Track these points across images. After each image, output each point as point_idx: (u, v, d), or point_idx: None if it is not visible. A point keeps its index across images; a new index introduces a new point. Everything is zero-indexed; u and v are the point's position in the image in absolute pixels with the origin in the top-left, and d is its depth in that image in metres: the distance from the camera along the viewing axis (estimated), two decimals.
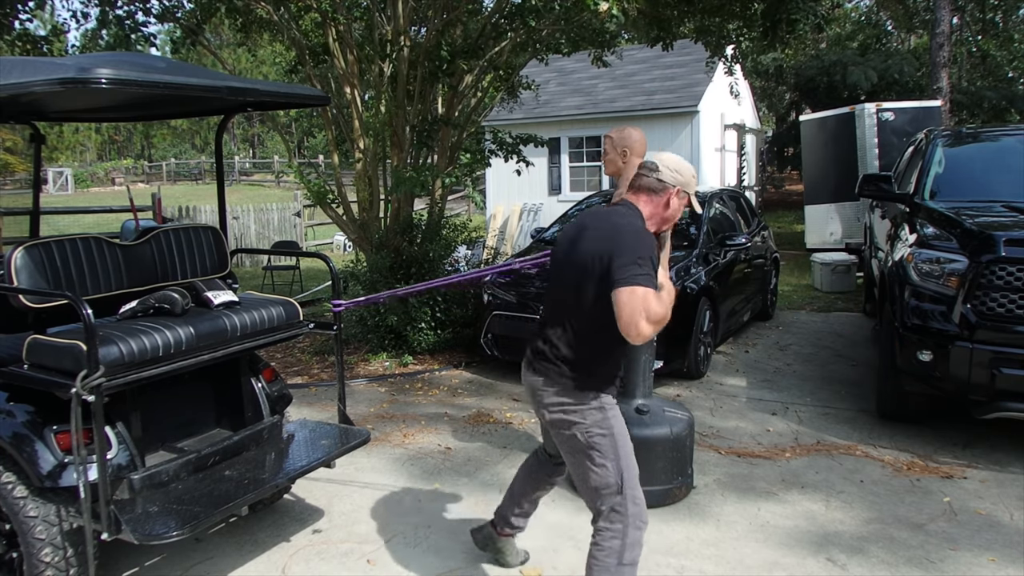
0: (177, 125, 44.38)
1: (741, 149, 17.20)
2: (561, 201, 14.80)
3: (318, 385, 6.22)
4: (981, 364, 4.22)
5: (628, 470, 2.61)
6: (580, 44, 8.02)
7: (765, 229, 8.43)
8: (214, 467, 3.26)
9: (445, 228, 7.45)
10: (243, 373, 3.63)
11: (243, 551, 3.53)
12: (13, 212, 9.52)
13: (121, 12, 7.32)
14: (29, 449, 2.76)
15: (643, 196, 2.64)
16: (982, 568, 3.28)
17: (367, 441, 3.65)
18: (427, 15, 7.19)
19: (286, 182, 30.58)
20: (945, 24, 13.79)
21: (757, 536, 3.58)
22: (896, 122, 10.61)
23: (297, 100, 3.63)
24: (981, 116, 19.07)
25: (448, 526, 3.73)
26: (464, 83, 7.31)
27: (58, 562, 2.78)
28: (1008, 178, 5.47)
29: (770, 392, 5.76)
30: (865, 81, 18.43)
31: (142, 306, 3.21)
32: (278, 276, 11.46)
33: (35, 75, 2.56)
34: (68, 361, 2.71)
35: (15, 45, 7.51)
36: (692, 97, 14.47)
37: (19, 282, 2.97)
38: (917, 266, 4.67)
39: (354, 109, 7.12)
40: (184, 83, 2.82)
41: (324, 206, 7.40)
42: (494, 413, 5.42)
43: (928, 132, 6.66)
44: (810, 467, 4.35)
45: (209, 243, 3.85)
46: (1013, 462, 4.36)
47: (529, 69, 10.54)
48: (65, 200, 27.62)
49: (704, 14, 8.02)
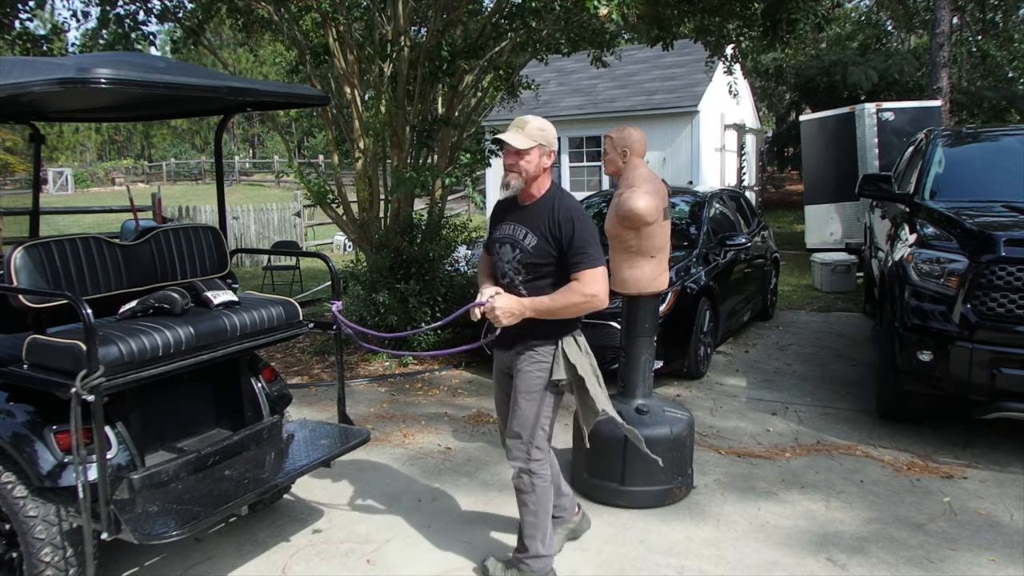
0: (177, 125, 44.38)
1: (741, 149, 17.21)
2: None
3: (318, 385, 6.22)
4: (981, 364, 4.22)
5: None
6: (580, 44, 8.03)
7: (765, 229, 8.43)
8: (214, 467, 3.25)
9: (445, 228, 7.45)
10: (243, 373, 3.62)
11: (243, 551, 3.53)
12: (13, 212, 9.53)
13: (121, 11, 7.31)
14: (29, 449, 2.76)
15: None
16: (982, 568, 3.28)
17: (367, 441, 3.65)
18: (427, 15, 7.19)
19: (286, 182, 30.56)
20: (945, 24, 13.79)
21: (757, 536, 3.58)
22: (896, 122, 10.61)
23: (297, 100, 3.63)
24: (981, 116, 19.07)
25: (448, 526, 3.73)
26: (464, 83, 7.31)
27: (58, 562, 2.78)
28: (1008, 178, 5.47)
29: (770, 392, 5.76)
30: (866, 81, 18.44)
31: (142, 306, 3.21)
32: (278, 276, 11.46)
33: (35, 75, 2.56)
34: (68, 361, 2.71)
35: (15, 44, 7.51)
36: (692, 97, 14.49)
37: (19, 282, 2.97)
38: (917, 266, 4.67)
39: (354, 109, 7.12)
40: (184, 83, 2.82)
41: (324, 206, 7.39)
42: (494, 413, 5.41)
43: (928, 132, 6.65)
44: (810, 467, 4.35)
45: (209, 243, 3.85)
46: (1013, 462, 4.36)
47: (529, 69, 10.54)
48: (65, 200, 27.62)
49: (704, 14, 8.02)
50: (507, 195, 2.96)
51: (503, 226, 3.02)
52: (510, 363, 3.06)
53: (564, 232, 2.84)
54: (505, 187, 2.93)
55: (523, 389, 2.98)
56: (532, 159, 2.88)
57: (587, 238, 2.84)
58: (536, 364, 2.97)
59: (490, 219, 3.21)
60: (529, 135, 2.87)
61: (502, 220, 3.05)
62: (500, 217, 3.08)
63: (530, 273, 2.93)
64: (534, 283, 2.93)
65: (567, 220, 2.86)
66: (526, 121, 2.89)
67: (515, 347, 3.02)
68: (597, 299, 2.84)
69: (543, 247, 2.88)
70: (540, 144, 2.88)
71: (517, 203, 3.00)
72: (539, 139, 2.88)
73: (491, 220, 3.16)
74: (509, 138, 2.87)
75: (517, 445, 3.03)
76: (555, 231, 2.86)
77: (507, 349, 3.06)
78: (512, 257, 2.96)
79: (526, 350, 2.99)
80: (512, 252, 2.96)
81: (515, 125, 2.91)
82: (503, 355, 3.12)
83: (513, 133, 2.89)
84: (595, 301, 2.84)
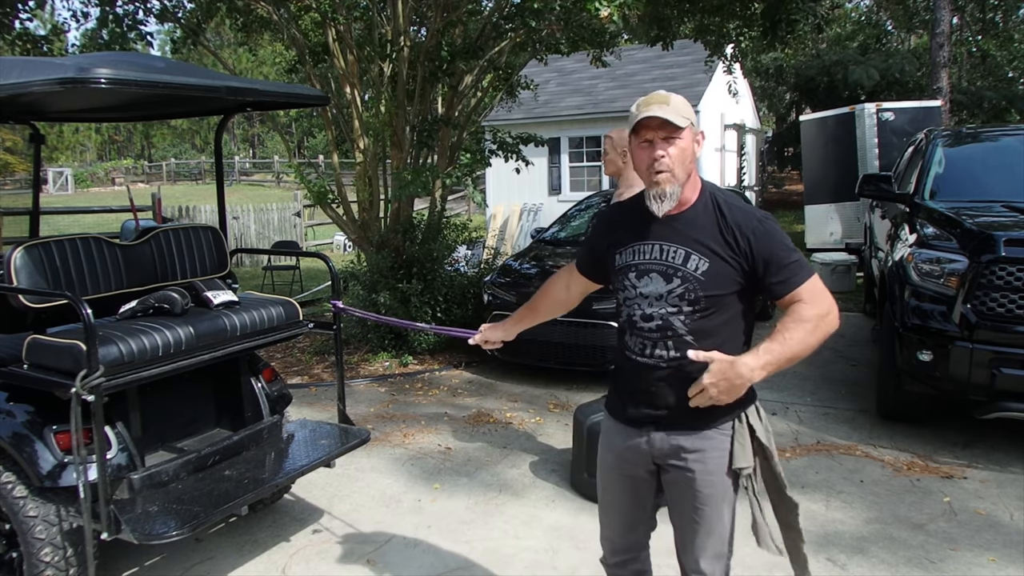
0: (177, 125, 44.36)
1: (741, 149, 17.20)
2: (561, 201, 14.79)
3: (318, 385, 6.22)
4: (981, 364, 4.21)
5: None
6: (580, 44, 8.03)
7: None
8: (214, 467, 3.25)
9: (445, 228, 7.45)
10: (243, 373, 3.62)
11: (243, 551, 3.53)
12: (13, 212, 9.50)
13: (121, 11, 7.31)
14: (29, 449, 2.76)
15: None
16: (982, 568, 3.28)
17: (367, 441, 3.65)
18: (427, 15, 7.19)
19: (286, 182, 30.60)
20: (945, 24, 13.78)
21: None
22: (896, 122, 10.60)
23: (297, 100, 3.63)
24: (981, 116, 19.06)
25: (448, 526, 3.73)
26: (464, 83, 7.31)
27: (58, 562, 2.78)
28: (1008, 178, 5.47)
29: (770, 392, 5.75)
30: (867, 80, 18.43)
31: (142, 306, 3.21)
32: (278, 276, 11.46)
33: (35, 75, 2.56)
34: (68, 361, 2.71)
35: (15, 44, 7.51)
36: (692, 97, 14.46)
37: (19, 282, 2.97)
38: (917, 266, 4.66)
39: (354, 109, 7.12)
40: (184, 83, 2.82)
41: (324, 206, 7.40)
42: (494, 413, 5.42)
43: (928, 132, 6.65)
44: (810, 467, 4.35)
45: (209, 243, 3.85)
46: (1013, 462, 4.36)
47: (529, 69, 10.53)
48: (65, 200, 27.61)
49: (704, 14, 8.02)
50: (661, 208, 2.01)
51: (637, 246, 2.07)
52: (666, 451, 2.08)
53: (756, 244, 1.96)
54: (659, 199, 1.99)
55: (713, 494, 2.07)
56: (687, 146, 1.99)
57: (787, 243, 2.00)
58: (719, 452, 2.06)
59: (595, 234, 2.30)
60: (678, 111, 1.97)
61: (631, 238, 2.10)
62: (625, 233, 2.12)
63: (701, 310, 2.00)
64: (704, 323, 2.00)
65: (752, 225, 1.98)
66: (667, 96, 1.99)
67: (680, 427, 2.05)
68: (833, 316, 1.96)
69: (723, 271, 1.98)
70: (692, 123, 2.00)
71: (650, 212, 2.04)
72: (691, 117, 2.00)
73: (600, 236, 2.24)
74: (660, 111, 1.95)
75: (716, 569, 2.14)
76: (739, 244, 1.97)
77: (660, 429, 2.07)
78: (668, 291, 2.01)
79: (696, 433, 2.04)
80: (667, 284, 2.01)
81: (655, 101, 1.98)
82: (646, 437, 2.09)
83: (659, 107, 1.97)
84: (832, 319, 1.96)
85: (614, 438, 2.19)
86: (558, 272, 2.48)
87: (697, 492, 2.06)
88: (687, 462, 2.05)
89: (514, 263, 6.98)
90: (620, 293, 2.13)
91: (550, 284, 2.48)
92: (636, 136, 2.02)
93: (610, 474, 2.24)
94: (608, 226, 2.22)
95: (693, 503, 2.07)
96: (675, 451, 2.06)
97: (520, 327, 2.56)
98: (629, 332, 2.10)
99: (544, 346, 5.94)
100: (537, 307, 2.50)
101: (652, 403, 2.04)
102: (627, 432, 2.14)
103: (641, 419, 2.09)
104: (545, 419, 5.27)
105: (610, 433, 2.22)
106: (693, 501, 2.07)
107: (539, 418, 5.30)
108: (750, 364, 1.88)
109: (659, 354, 2.03)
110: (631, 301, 2.09)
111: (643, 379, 2.05)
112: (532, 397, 5.80)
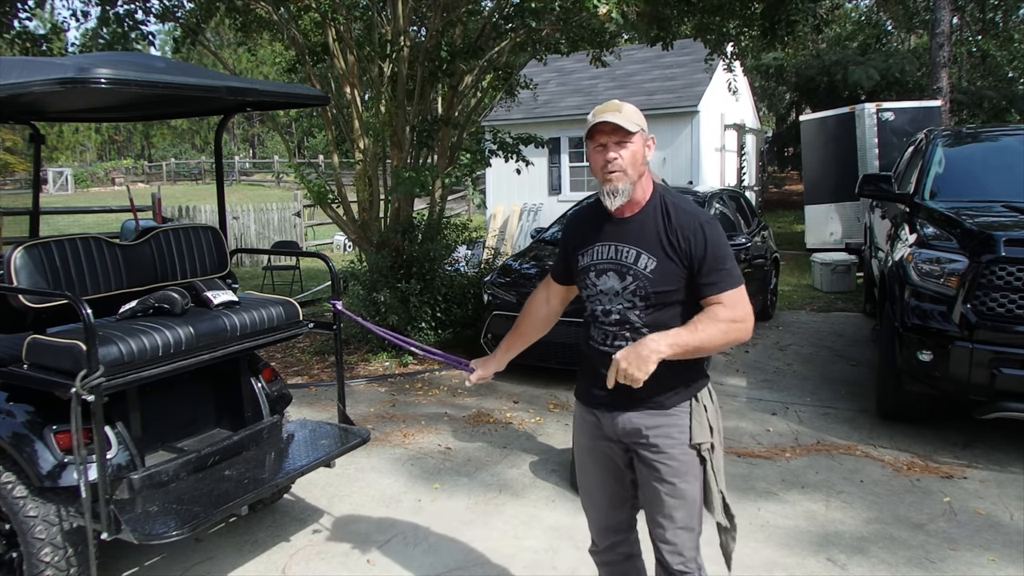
0: (177, 125, 44.36)
1: (741, 149, 17.20)
2: (561, 201, 14.80)
3: (318, 385, 6.22)
4: (981, 364, 4.22)
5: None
6: (579, 44, 8.03)
7: (765, 229, 8.43)
8: (214, 467, 3.25)
9: (445, 228, 7.45)
10: (243, 373, 3.63)
11: (243, 551, 3.53)
12: (13, 212, 9.51)
13: (121, 11, 7.32)
14: (29, 449, 2.76)
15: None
16: (982, 568, 3.28)
17: (367, 441, 3.65)
18: (426, 15, 7.19)
19: (286, 182, 30.60)
20: (945, 24, 13.78)
21: (757, 536, 3.58)
22: (896, 122, 10.61)
23: (297, 100, 3.63)
24: (981, 116, 19.06)
25: (448, 526, 3.73)
26: (464, 83, 7.31)
27: (58, 562, 2.78)
28: (1008, 178, 5.47)
29: (770, 392, 5.75)
30: (868, 80, 18.43)
31: (142, 306, 3.21)
32: (278, 276, 11.46)
33: (35, 75, 2.56)
34: (68, 361, 2.71)
35: (15, 44, 7.51)
36: (692, 97, 14.47)
37: (19, 282, 2.97)
38: (917, 266, 4.66)
39: (354, 109, 7.12)
40: (183, 83, 2.82)
41: (324, 206, 7.40)
42: (494, 413, 5.42)
43: (928, 132, 6.65)
44: (810, 467, 4.35)
45: (209, 243, 3.85)
46: (1013, 462, 4.36)
47: (529, 69, 10.53)
48: (65, 200, 27.60)
49: (704, 13, 8.03)
50: (615, 203, 2.17)
51: (596, 248, 2.26)
52: (629, 430, 2.25)
53: (695, 245, 2.13)
54: (612, 195, 2.16)
55: (678, 467, 2.22)
56: (637, 149, 2.15)
57: (724, 250, 2.17)
58: (678, 428, 2.23)
59: (562, 242, 2.46)
60: (628, 118, 2.13)
61: (590, 239, 2.28)
62: (585, 235, 2.30)
63: (652, 305, 2.17)
64: (657, 316, 2.18)
65: (694, 229, 2.15)
66: (620, 105, 2.16)
67: (639, 407, 2.21)
68: (746, 325, 2.13)
69: (668, 269, 2.15)
70: (642, 129, 2.17)
71: (608, 214, 2.23)
72: (641, 124, 2.16)
73: (567, 240, 2.41)
74: (612, 117, 2.11)
75: (686, 540, 2.25)
76: (680, 245, 2.15)
77: (621, 410, 2.24)
78: (623, 288, 2.19)
79: (659, 410, 2.21)
80: (621, 281, 2.19)
81: (609, 109, 2.15)
82: (610, 418, 2.27)
83: (612, 115, 2.13)
84: (745, 328, 2.13)
85: (584, 422, 2.39)
86: (535, 291, 2.60)
87: (661, 465, 2.22)
88: (649, 439, 2.23)
89: (514, 263, 6.98)
90: (584, 291, 2.32)
91: (530, 304, 2.59)
92: (591, 141, 2.19)
93: (586, 456, 2.42)
94: (571, 232, 2.41)
95: (658, 475, 2.23)
96: (638, 430, 2.24)
97: (511, 355, 2.64)
98: (593, 325, 2.30)
99: (544, 346, 5.86)
100: (523, 330, 2.59)
101: (616, 387, 2.14)
102: (594, 415, 2.33)
103: (605, 401, 2.26)
104: (545, 419, 5.28)
105: (580, 418, 2.42)
106: (658, 474, 2.23)
107: (539, 418, 5.30)
108: (657, 339, 2.07)
109: (619, 344, 2.21)
110: (593, 298, 2.28)
111: (606, 365, 2.17)
112: (532, 397, 5.81)
